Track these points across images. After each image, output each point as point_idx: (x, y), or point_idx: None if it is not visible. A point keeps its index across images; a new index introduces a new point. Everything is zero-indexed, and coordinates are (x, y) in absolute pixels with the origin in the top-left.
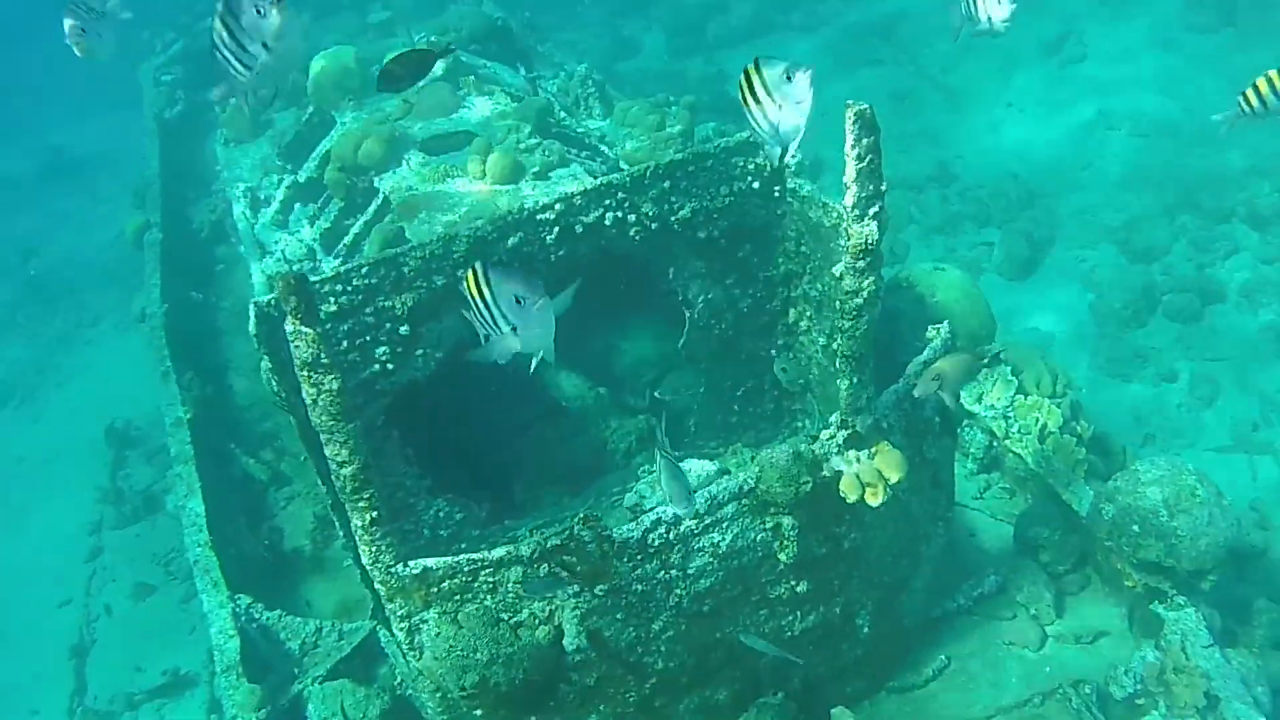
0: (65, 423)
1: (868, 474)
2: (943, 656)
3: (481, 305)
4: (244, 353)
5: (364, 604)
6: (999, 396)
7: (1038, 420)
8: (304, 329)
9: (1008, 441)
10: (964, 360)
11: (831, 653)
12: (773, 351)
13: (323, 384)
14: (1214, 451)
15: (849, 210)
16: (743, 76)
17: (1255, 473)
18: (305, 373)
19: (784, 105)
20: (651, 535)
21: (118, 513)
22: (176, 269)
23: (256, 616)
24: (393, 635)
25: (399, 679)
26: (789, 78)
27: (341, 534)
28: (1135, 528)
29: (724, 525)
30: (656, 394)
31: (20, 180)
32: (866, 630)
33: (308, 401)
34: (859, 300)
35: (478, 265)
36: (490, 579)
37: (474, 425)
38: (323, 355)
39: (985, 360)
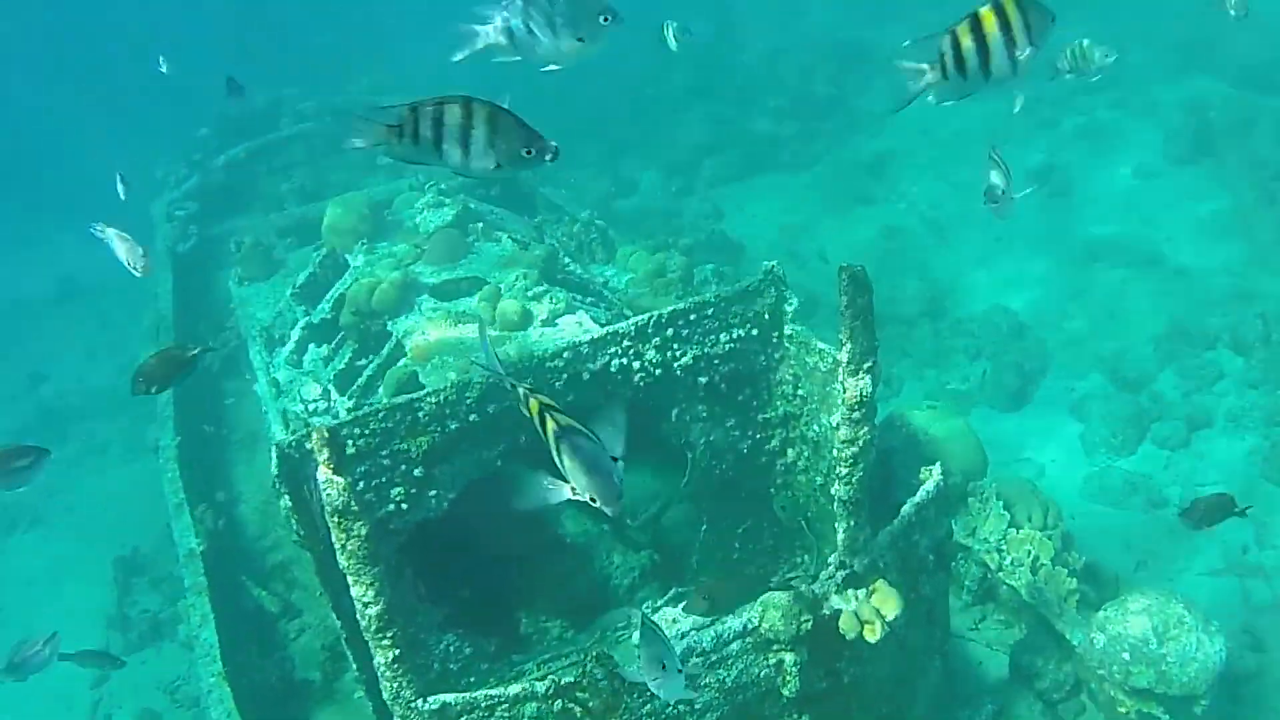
0: (73, 549)
1: (865, 612)
2: None
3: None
4: (253, 485)
5: None
6: (992, 530)
7: (1030, 552)
8: (335, 478)
9: (1001, 574)
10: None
11: None
12: (771, 490)
13: (351, 530)
14: (1206, 575)
15: (844, 365)
16: None
17: (1247, 595)
18: (335, 519)
19: None
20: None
21: (124, 639)
22: (188, 401)
23: None
24: None
25: None
26: None
27: (355, 667)
28: (1125, 655)
29: (729, 662)
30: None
31: (30, 303)
32: None
33: (336, 546)
34: (855, 449)
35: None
36: (506, 714)
37: (481, 560)
38: (353, 503)
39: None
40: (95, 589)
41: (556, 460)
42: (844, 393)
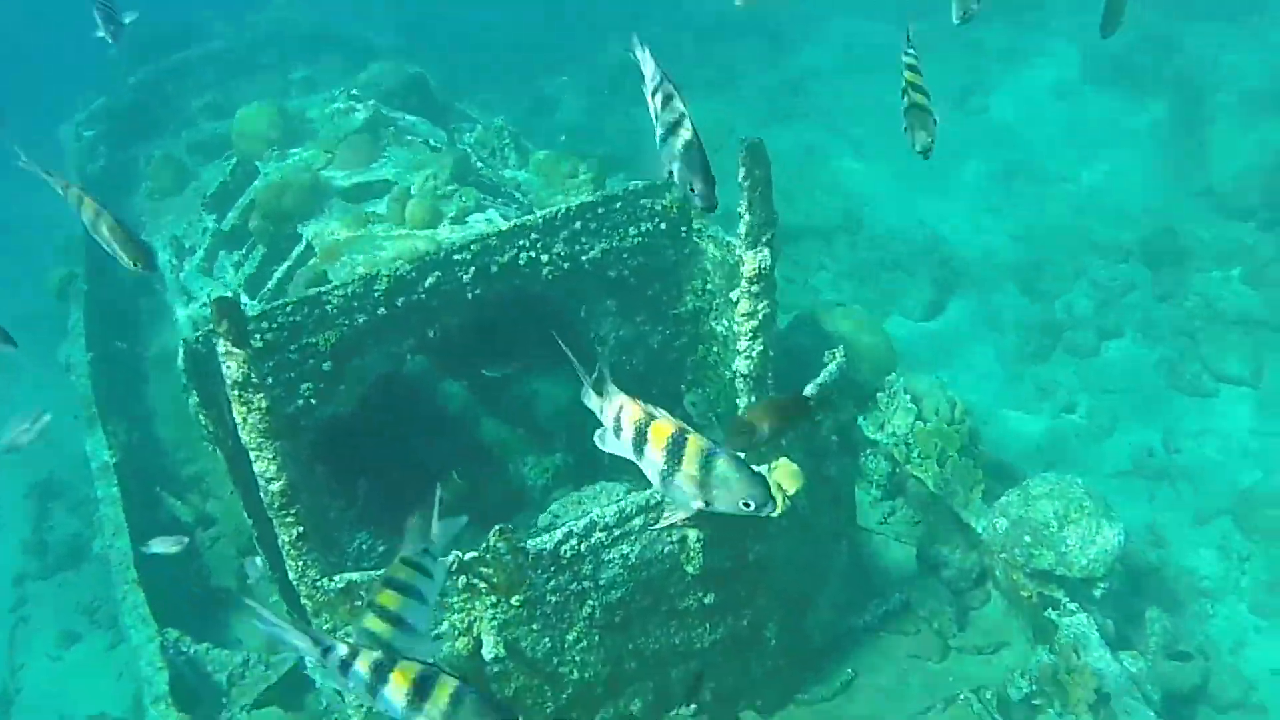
0: None
1: None
2: (849, 670)
3: None
4: (168, 400)
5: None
6: (900, 424)
7: (937, 445)
8: (235, 350)
9: (909, 466)
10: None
11: (741, 665)
12: (683, 387)
13: (252, 402)
14: (1112, 477)
15: (743, 238)
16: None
17: (1153, 495)
18: (236, 392)
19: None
20: (564, 547)
21: (41, 563)
22: (101, 319)
23: (184, 650)
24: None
25: (325, 704)
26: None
27: (268, 567)
28: (1027, 539)
29: (632, 538)
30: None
31: None
32: (774, 643)
33: (238, 420)
34: (754, 323)
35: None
36: None
37: (396, 465)
38: (253, 375)
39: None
40: (10, 514)
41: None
42: (743, 265)
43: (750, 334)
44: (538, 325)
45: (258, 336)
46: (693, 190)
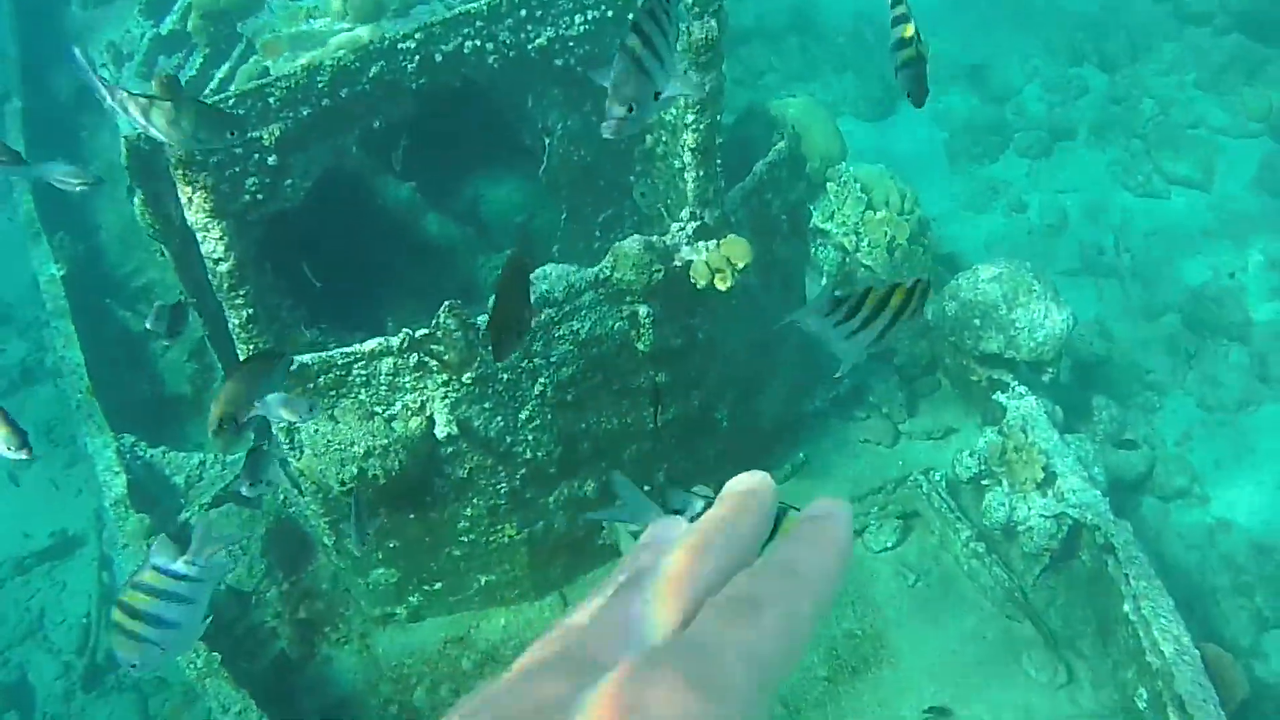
0: None
1: (715, 260)
2: (801, 454)
3: None
4: (113, 215)
5: (246, 439)
6: (850, 213)
7: (887, 234)
8: None
9: (859, 255)
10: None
11: (692, 447)
12: (631, 178)
13: (197, 181)
14: (1062, 275)
15: (690, 9)
16: None
17: (1101, 292)
18: (180, 171)
19: None
20: None
21: None
22: (40, 137)
23: (141, 454)
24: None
25: (282, 497)
26: None
27: (219, 365)
28: (976, 321)
29: (582, 313)
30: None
31: None
32: (726, 425)
33: (183, 200)
34: (702, 94)
35: None
36: (363, 372)
37: (346, 265)
38: (196, 153)
39: None
40: None
41: None
42: (689, 36)
43: (697, 106)
44: (484, 118)
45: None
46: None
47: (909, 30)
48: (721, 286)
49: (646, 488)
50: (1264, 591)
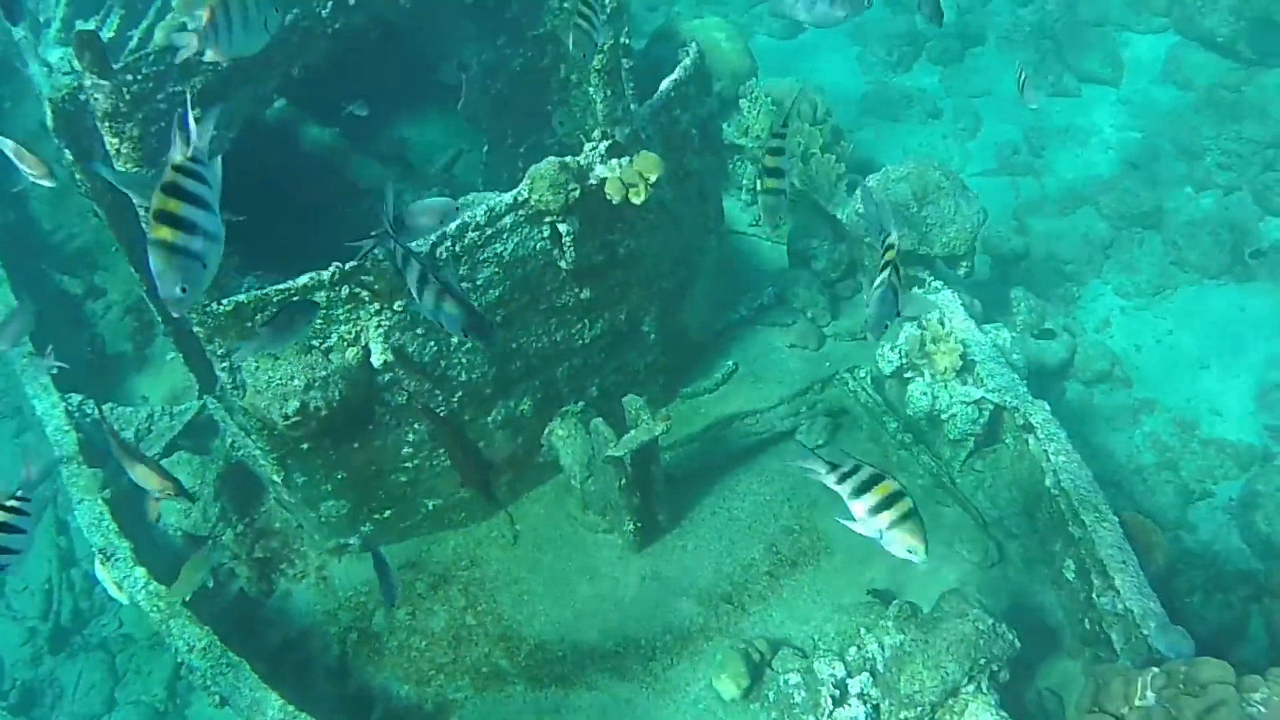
0: None
1: (628, 175)
2: (730, 363)
3: None
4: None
5: (191, 390)
6: (762, 127)
7: (800, 144)
8: (101, 81)
9: None
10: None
11: (622, 361)
12: (549, 107)
13: (124, 132)
14: (979, 175)
15: None
16: None
17: (1017, 190)
18: (107, 124)
19: None
20: (439, 249)
21: None
22: None
23: (89, 412)
24: (219, 401)
25: (230, 442)
26: None
27: (160, 320)
28: None
29: (504, 236)
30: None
31: None
32: (654, 337)
33: (111, 152)
34: (603, 15)
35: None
36: None
37: (279, 209)
38: (121, 105)
39: None
40: None
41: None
42: None
43: (600, 26)
44: (403, 58)
45: (124, 91)
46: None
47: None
48: (636, 200)
49: (582, 404)
50: (1188, 466)
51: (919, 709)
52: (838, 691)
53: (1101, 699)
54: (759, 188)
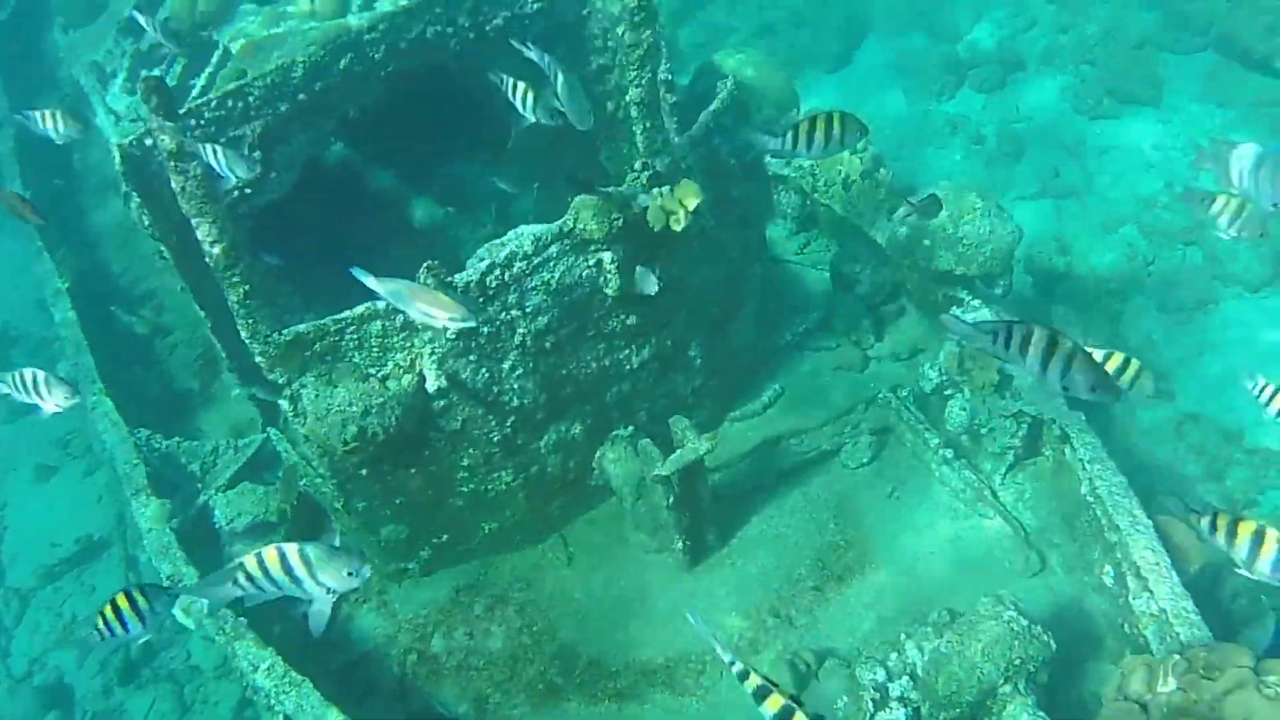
0: None
1: (669, 203)
2: (776, 386)
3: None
4: (112, 228)
5: (255, 423)
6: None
7: (841, 172)
8: (167, 123)
9: (817, 195)
10: None
11: (670, 386)
12: (596, 143)
13: (189, 171)
14: (1023, 199)
15: None
16: None
17: (1060, 212)
18: (172, 163)
19: None
20: (489, 277)
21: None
22: (33, 161)
23: (157, 446)
24: (282, 433)
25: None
26: None
27: (224, 354)
28: (927, 242)
29: (551, 264)
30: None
31: None
32: (700, 361)
33: (176, 190)
34: (640, 51)
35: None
36: (355, 336)
37: (335, 248)
38: (185, 146)
39: None
40: None
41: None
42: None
43: (638, 62)
44: (453, 101)
45: (188, 135)
46: None
47: None
48: (676, 228)
49: (631, 428)
50: (1233, 475)
51: (958, 710)
52: (878, 695)
53: (1127, 687)
54: None
